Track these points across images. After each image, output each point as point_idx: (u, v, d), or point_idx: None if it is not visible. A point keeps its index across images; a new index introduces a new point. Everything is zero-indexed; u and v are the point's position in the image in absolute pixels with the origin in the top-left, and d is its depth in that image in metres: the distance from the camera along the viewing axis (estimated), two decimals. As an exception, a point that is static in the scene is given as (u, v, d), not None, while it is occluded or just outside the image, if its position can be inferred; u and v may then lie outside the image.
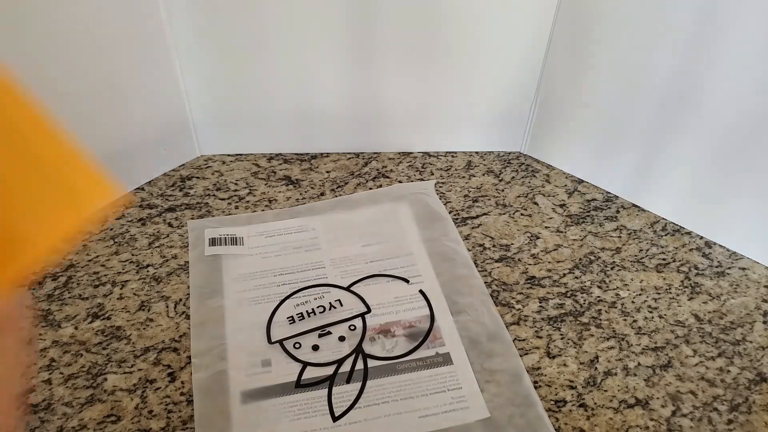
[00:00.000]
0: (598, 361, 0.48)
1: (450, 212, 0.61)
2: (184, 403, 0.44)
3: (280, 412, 0.43)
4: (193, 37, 0.59)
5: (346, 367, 0.46)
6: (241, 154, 0.69)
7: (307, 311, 0.50)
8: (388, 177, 0.66)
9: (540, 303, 0.52)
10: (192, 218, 0.60)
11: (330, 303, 0.51)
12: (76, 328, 0.49)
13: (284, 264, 0.55)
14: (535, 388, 0.45)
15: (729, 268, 0.57)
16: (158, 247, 0.57)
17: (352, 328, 0.49)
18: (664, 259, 0.57)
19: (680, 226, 0.61)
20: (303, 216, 0.60)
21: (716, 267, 0.57)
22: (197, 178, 0.66)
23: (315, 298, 0.51)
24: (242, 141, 0.69)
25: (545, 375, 0.46)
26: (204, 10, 0.58)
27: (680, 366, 0.47)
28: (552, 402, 0.45)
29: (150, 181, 0.64)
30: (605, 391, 0.45)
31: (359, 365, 0.47)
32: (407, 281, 0.53)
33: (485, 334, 0.49)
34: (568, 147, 0.67)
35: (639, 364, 0.47)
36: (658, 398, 0.45)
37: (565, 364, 0.47)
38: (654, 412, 0.44)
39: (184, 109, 0.64)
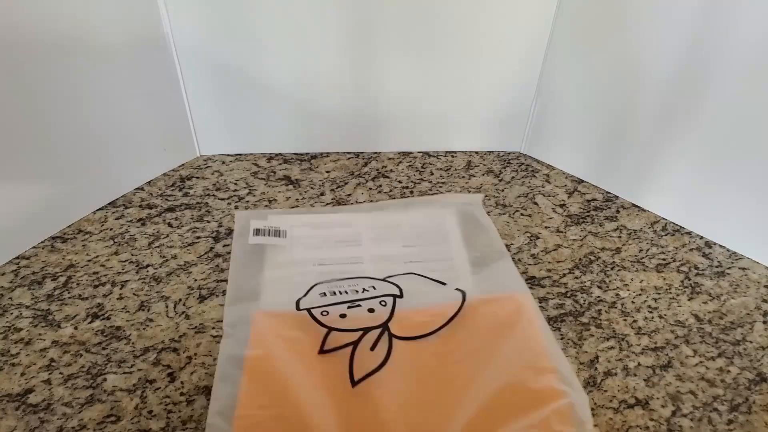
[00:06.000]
0: (598, 361, 0.48)
1: (450, 212, 0.61)
2: (184, 403, 0.44)
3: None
4: (193, 37, 0.59)
5: (371, 336, 0.45)
6: (240, 154, 0.69)
7: (339, 291, 0.50)
8: (387, 177, 0.66)
9: (540, 303, 0.52)
10: (192, 218, 0.60)
11: (363, 288, 0.51)
12: (75, 328, 0.49)
13: (324, 255, 0.55)
14: (535, 388, 0.45)
15: (729, 268, 0.57)
16: (158, 247, 0.57)
17: (383, 303, 0.48)
18: (664, 259, 0.57)
19: (680, 226, 0.61)
20: (348, 213, 0.60)
21: (716, 267, 0.57)
22: (197, 178, 0.66)
23: (350, 285, 0.51)
24: (242, 141, 0.69)
25: (545, 375, 0.46)
26: (204, 10, 0.58)
27: (680, 366, 0.47)
28: (552, 402, 0.45)
29: (150, 181, 0.64)
30: (605, 391, 0.45)
31: (384, 337, 0.45)
32: (444, 284, 0.52)
33: None
34: (568, 147, 0.67)
35: (639, 364, 0.47)
36: (658, 398, 0.45)
37: (565, 364, 0.47)
38: (654, 412, 0.44)
39: (184, 109, 0.64)
